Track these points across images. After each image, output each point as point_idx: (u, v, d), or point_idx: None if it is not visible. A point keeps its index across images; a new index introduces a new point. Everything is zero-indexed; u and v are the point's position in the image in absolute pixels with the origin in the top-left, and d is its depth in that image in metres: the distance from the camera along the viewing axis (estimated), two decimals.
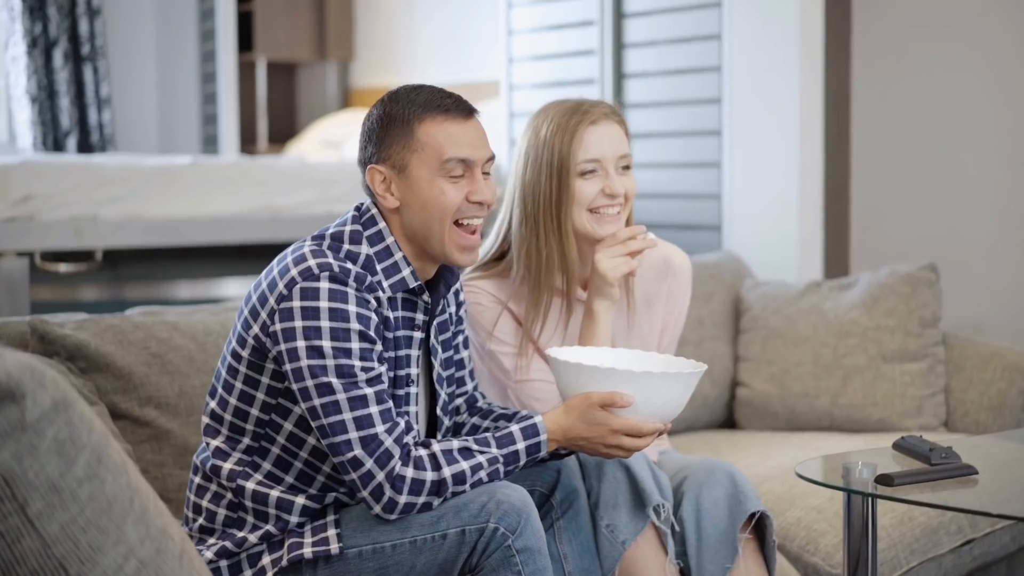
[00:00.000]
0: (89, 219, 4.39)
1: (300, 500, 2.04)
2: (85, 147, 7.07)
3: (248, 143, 7.48)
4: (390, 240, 2.05)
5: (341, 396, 1.93)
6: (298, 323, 1.94)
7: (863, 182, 4.10)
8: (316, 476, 2.05)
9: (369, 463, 1.93)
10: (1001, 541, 2.90)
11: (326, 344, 1.93)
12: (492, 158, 2.09)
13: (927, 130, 4.00)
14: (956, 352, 3.36)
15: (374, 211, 2.07)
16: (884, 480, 2.05)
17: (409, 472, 1.95)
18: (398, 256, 2.05)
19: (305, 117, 7.62)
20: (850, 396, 3.30)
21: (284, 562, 1.99)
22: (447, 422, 2.20)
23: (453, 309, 2.24)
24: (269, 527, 2.04)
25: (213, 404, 2.08)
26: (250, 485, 2.04)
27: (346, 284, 1.95)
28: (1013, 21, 3.82)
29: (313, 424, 1.97)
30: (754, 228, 3.95)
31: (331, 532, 2.00)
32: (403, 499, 1.95)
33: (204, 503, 2.08)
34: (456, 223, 2.06)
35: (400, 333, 2.07)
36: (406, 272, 2.05)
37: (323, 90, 7.50)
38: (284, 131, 7.65)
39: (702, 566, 2.29)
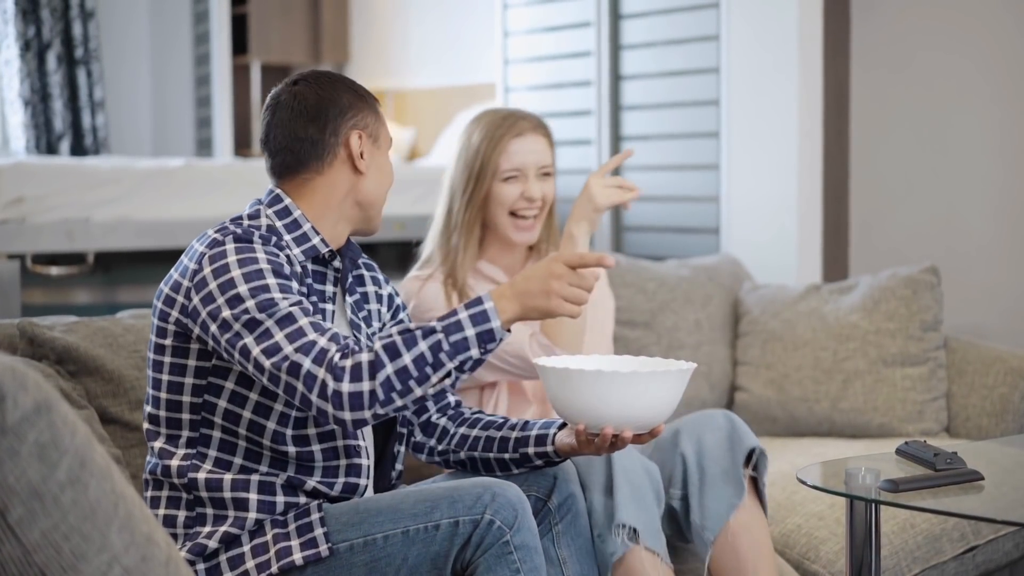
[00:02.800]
0: (81, 221, 4.36)
1: (255, 479, 2.03)
2: (78, 150, 7.05)
3: (242, 147, 7.46)
4: (297, 213, 2.12)
5: (269, 323, 1.94)
6: (212, 285, 1.98)
7: (862, 184, 4.07)
8: (262, 452, 2.04)
9: (307, 363, 1.91)
10: (1004, 548, 2.87)
11: (242, 288, 1.96)
12: None
13: (926, 132, 3.98)
14: (958, 356, 3.33)
15: (277, 191, 2.15)
16: (889, 486, 2.01)
17: (347, 362, 1.91)
18: (307, 227, 2.12)
19: None
20: (850, 401, 3.27)
21: (274, 569, 1.96)
22: None
23: (383, 308, 2.28)
24: (230, 514, 2.02)
25: (148, 408, 2.09)
26: (201, 475, 2.03)
27: (251, 241, 2.02)
28: (1011, 24, 3.80)
29: (250, 366, 1.94)
30: (753, 230, 3.92)
31: (318, 532, 1.98)
32: (346, 387, 1.89)
33: (161, 511, 2.06)
34: None
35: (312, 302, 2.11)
36: (316, 240, 2.12)
37: None
38: None
39: (704, 504, 2.35)
